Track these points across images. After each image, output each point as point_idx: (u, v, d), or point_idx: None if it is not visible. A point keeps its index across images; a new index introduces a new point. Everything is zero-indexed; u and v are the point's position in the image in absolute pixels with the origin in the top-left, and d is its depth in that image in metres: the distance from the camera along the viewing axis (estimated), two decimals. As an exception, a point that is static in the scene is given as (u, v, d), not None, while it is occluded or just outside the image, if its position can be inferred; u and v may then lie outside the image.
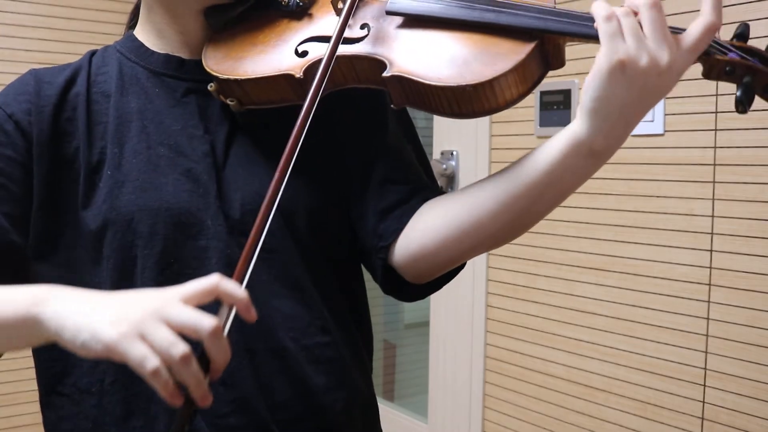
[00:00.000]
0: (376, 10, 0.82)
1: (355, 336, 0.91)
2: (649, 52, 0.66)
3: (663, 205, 1.64)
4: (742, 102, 0.68)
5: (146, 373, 0.58)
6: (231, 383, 0.80)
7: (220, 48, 0.85)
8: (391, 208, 0.87)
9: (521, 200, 0.76)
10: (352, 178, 0.89)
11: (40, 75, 0.85)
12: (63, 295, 0.65)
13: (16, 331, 0.66)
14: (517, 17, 0.74)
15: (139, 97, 0.85)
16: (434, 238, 0.82)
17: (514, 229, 0.81)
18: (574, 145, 0.71)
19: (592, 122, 0.69)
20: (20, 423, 2.42)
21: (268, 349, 0.82)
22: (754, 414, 1.49)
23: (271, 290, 0.83)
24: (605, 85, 0.67)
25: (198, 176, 0.83)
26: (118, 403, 0.80)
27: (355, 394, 0.88)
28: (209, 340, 0.60)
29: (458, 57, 0.75)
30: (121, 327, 0.59)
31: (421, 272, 0.87)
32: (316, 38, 0.83)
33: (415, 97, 0.78)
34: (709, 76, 0.72)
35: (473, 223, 0.79)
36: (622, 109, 0.68)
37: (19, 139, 0.81)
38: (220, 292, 0.62)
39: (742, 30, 0.72)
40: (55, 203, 0.82)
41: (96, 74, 0.87)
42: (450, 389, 2.27)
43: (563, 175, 0.73)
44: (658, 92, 0.69)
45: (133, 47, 0.89)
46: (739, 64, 0.69)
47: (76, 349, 0.61)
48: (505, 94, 0.74)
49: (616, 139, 0.70)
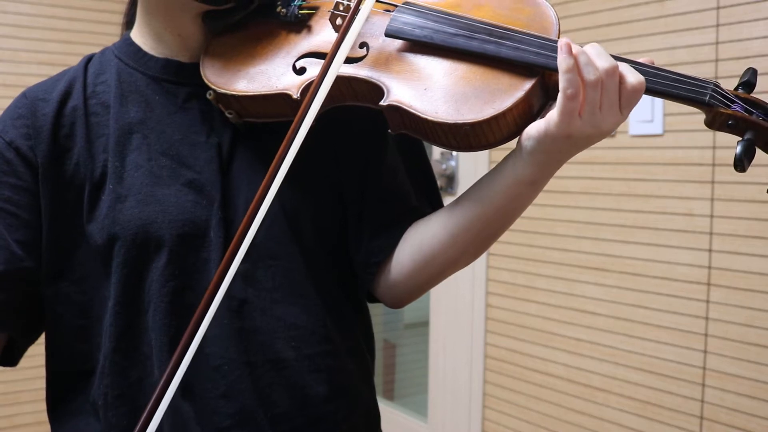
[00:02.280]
0: (376, 27, 0.80)
1: (358, 343, 0.91)
2: (597, 124, 0.69)
3: (662, 205, 1.65)
4: (741, 161, 0.65)
5: None
6: (231, 396, 0.80)
7: (218, 57, 0.84)
8: (383, 226, 0.87)
9: (471, 229, 0.80)
10: (348, 190, 0.88)
11: (33, 93, 0.84)
12: None
13: None
14: (518, 52, 0.72)
15: (140, 105, 0.84)
16: (402, 268, 0.85)
17: (467, 257, 0.84)
18: (518, 178, 0.75)
19: (533, 161, 0.73)
20: (20, 423, 2.42)
21: (268, 360, 0.81)
22: (753, 413, 1.49)
23: (274, 298, 0.82)
24: (549, 143, 0.70)
25: (201, 186, 0.82)
26: (123, 416, 0.80)
27: (357, 401, 0.87)
28: None
29: (457, 92, 0.73)
30: None
31: (398, 299, 0.90)
32: (314, 54, 0.81)
33: (412, 127, 0.76)
34: (712, 126, 0.70)
35: (433, 252, 0.83)
36: (560, 156, 0.73)
37: (21, 165, 0.80)
38: None
39: (749, 78, 0.70)
40: (64, 221, 0.81)
41: (94, 84, 0.85)
42: (450, 389, 2.27)
43: (509, 202, 0.78)
44: (592, 143, 0.72)
45: (130, 52, 0.87)
46: (741, 119, 0.67)
47: None
48: (502, 130, 0.73)
49: (550, 173, 0.75)
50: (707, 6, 1.54)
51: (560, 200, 1.87)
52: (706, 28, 1.55)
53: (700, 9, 1.56)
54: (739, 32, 1.49)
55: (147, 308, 0.80)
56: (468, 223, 0.79)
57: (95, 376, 0.82)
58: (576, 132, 0.69)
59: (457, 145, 0.75)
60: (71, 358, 0.84)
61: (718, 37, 1.53)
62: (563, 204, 1.87)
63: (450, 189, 2.26)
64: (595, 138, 0.71)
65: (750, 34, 1.48)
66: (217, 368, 0.80)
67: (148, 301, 0.80)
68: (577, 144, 0.71)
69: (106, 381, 0.81)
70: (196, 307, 0.73)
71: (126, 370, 0.80)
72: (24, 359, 0.88)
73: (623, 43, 1.71)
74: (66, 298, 0.82)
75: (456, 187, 2.24)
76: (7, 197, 0.79)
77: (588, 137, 0.70)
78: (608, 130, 0.70)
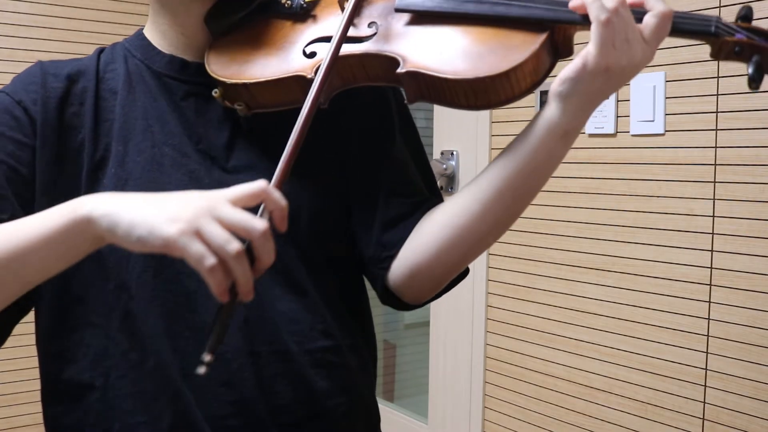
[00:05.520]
0: (382, 7, 0.82)
1: (358, 341, 0.91)
2: (630, 55, 0.71)
3: (663, 205, 1.64)
4: (754, 79, 0.71)
5: (204, 269, 0.60)
6: (232, 384, 0.80)
7: (224, 52, 0.85)
8: (395, 220, 0.87)
9: (504, 194, 0.79)
10: (357, 186, 0.89)
11: (45, 67, 0.87)
12: (106, 196, 0.67)
13: (66, 237, 0.67)
14: (528, 9, 0.75)
15: (146, 95, 0.86)
16: (426, 252, 0.84)
17: (499, 227, 0.83)
18: (552, 129, 0.75)
19: (568, 108, 0.74)
20: (20, 423, 2.42)
21: (273, 351, 0.82)
22: (755, 414, 1.48)
23: (274, 294, 0.83)
24: (587, 80, 0.72)
25: (201, 178, 0.83)
26: (125, 398, 0.80)
27: (357, 399, 0.88)
28: (260, 240, 0.63)
29: (472, 51, 0.76)
30: (179, 224, 0.61)
31: (419, 290, 0.88)
32: (323, 39, 0.82)
33: (430, 92, 0.78)
34: (718, 56, 0.74)
35: (462, 228, 0.82)
36: (595, 97, 0.74)
37: (27, 124, 0.82)
38: (266, 197, 0.65)
39: (746, 12, 0.74)
40: (54, 193, 0.82)
41: (104, 71, 0.88)
42: (450, 389, 2.27)
43: (543, 159, 0.77)
44: (626, 80, 0.74)
45: (140, 45, 0.90)
46: (747, 45, 0.72)
47: (130, 245, 0.64)
48: (520, 84, 0.75)
49: (583, 121, 0.76)
50: (709, 5, 1.54)
51: (560, 200, 1.87)
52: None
53: (701, 8, 1.55)
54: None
55: (142, 294, 0.81)
56: (499, 188, 0.79)
57: (88, 357, 0.82)
58: (613, 63, 0.71)
59: (476, 103, 0.77)
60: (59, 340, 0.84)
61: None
62: (563, 204, 1.87)
63: (450, 189, 2.25)
64: (629, 71, 0.72)
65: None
66: (219, 356, 0.80)
67: (143, 287, 0.80)
68: (612, 79, 0.72)
69: (108, 363, 0.81)
70: (194, 294, 0.78)
71: (126, 353, 0.81)
72: (24, 360, 0.88)
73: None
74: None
75: (456, 187, 2.24)
76: (11, 151, 0.81)
77: (622, 70, 0.72)
78: (640, 62, 0.72)
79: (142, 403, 0.80)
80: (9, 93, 0.83)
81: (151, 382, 0.80)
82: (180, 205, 0.63)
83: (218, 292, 0.62)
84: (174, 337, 0.80)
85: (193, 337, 0.80)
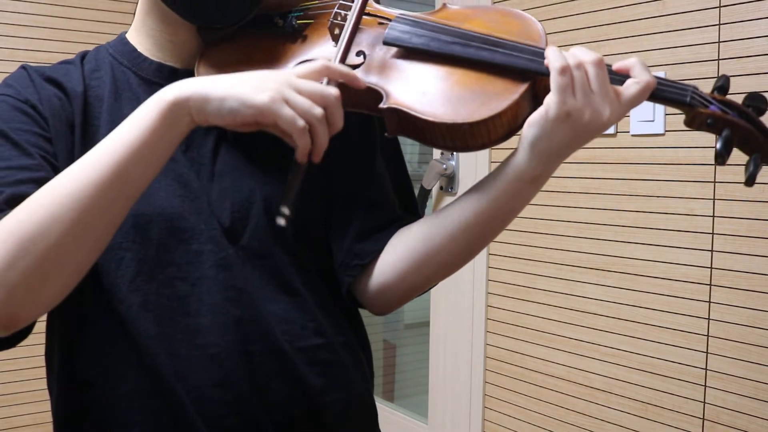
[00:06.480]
0: (372, 37, 0.83)
1: (351, 338, 0.92)
2: (593, 107, 0.72)
3: (663, 205, 1.64)
4: (721, 155, 0.72)
5: (297, 130, 0.68)
6: (227, 384, 0.80)
7: (214, 63, 0.85)
8: (369, 231, 0.89)
9: (471, 228, 0.82)
10: (338, 197, 0.90)
11: (31, 71, 0.86)
12: (183, 82, 0.71)
13: (163, 130, 0.70)
14: (511, 57, 0.76)
15: (131, 103, 0.85)
16: (393, 272, 0.86)
17: (465, 256, 0.86)
18: (521, 175, 0.78)
19: (535, 155, 0.76)
20: (20, 423, 2.42)
21: (266, 350, 0.82)
22: (755, 414, 1.48)
23: (265, 294, 0.84)
24: (549, 129, 0.73)
25: (189, 183, 0.83)
26: (121, 397, 0.80)
27: (353, 395, 0.88)
28: (334, 104, 0.71)
29: (453, 94, 0.77)
30: (269, 92, 0.68)
31: (385, 305, 0.91)
32: (311, 61, 0.82)
33: (410, 130, 0.79)
34: (691, 125, 0.76)
35: (428, 255, 0.84)
36: (560, 148, 0.75)
37: (41, 120, 0.82)
38: (330, 72, 0.73)
39: (722, 83, 0.76)
40: None
41: (90, 78, 0.87)
42: (450, 389, 2.27)
43: (512, 199, 0.80)
44: (594, 135, 0.75)
45: (125, 51, 0.89)
46: (719, 118, 0.73)
47: (220, 119, 0.69)
48: (498, 131, 0.76)
49: (552, 168, 0.78)
50: (709, 5, 1.54)
51: (560, 200, 1.87)
52: (707, 27, 1.54)
53: (701, 8, 1.55)
54: (741, 31, 1.48)
55: (134, 299, 0.81)
56: (467, 222, 0.81)
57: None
58: (574, 111, 0.72)
59: (453, 146, 0.78)
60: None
61: (720, 36, 1.52)
62: (563, 204, 1.87)
63: (450, 189, 2.25)
64: (594, 126, 0.73)
65: (752, 33, 1.47)
66: (212, 357, 0.81)
67: (136, 292, 0.80)
68: (576, 130, 0.73)
69: (106, 362, 0.82)
70: (186, 298, 0.79)
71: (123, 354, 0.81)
72: (24, 360, 0.88)
73: (624, 42, 1.71)
74: None
75: (456, 187, 2.24)
76: (35, 143, 0.80)
77: (587, 123, 0.72)
78: (608, 120, 0.73)
79: (138, 403, 0.80)
80: (11, 94, 0.83)
81: (146, 382, 0.80)
82: (261, 79, 0.70)
83: (303, 152, 0.69)
84: (168, 340, 0.80)
85: (187, 339, 0.81)
